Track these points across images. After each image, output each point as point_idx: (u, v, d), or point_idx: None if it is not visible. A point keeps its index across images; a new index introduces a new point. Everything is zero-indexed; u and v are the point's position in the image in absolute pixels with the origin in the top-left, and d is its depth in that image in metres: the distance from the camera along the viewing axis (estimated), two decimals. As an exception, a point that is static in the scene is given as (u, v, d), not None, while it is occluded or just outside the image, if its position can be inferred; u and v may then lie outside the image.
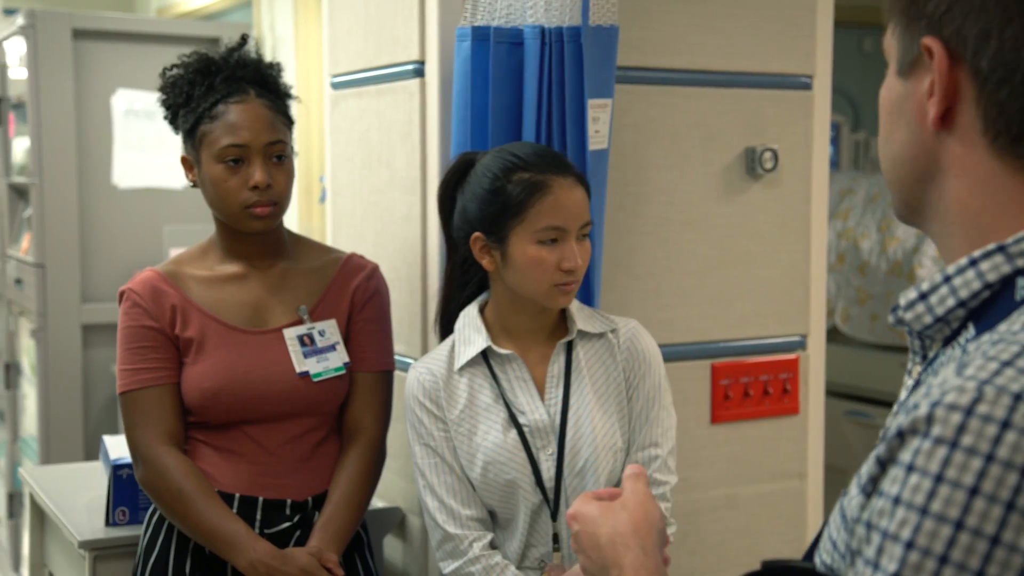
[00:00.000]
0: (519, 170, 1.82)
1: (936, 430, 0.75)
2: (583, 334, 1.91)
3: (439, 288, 2.01)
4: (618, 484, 1.90)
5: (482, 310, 1.93)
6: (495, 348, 1.88)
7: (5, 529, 4.57)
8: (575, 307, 1.92)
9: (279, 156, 1.96)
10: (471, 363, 1.89)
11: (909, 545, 0.74)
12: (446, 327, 1.97)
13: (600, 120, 2.02)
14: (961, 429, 0.74)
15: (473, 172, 1.88)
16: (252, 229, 1.97)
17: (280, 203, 1.97)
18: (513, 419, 1.85)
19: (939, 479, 0.74)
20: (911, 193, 0.92)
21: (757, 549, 2.43)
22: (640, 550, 1.03)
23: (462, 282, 1.96)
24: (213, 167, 1.94)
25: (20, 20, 3.85)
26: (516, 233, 1.81)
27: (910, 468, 0.76)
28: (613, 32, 2.04)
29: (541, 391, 1.88)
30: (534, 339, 1.90)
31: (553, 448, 1.85)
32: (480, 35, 2.01)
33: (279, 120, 1.98)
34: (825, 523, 0.90)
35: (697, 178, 2.34)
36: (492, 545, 1.87)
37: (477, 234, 1.85)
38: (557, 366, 1.89)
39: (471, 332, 1.90)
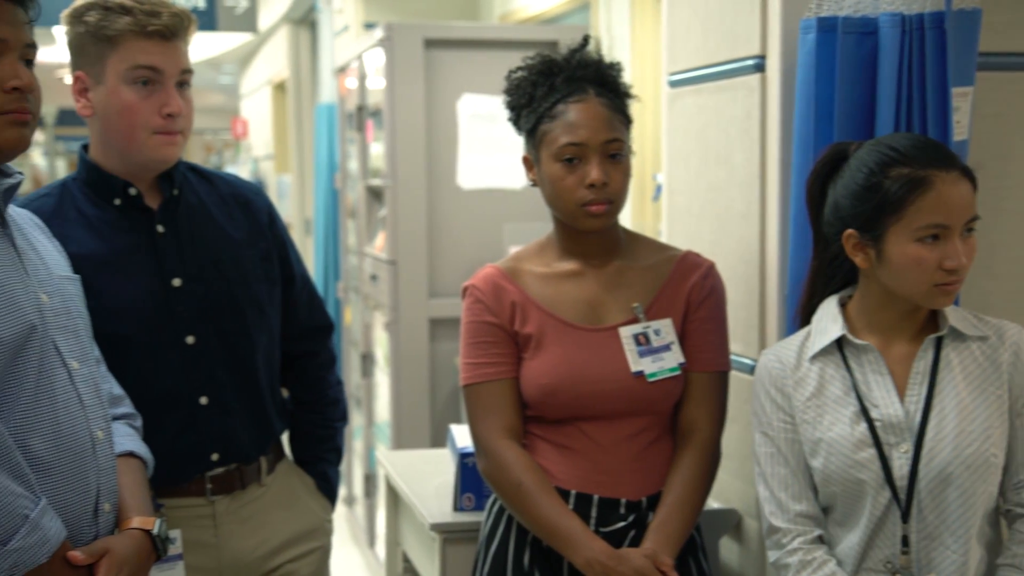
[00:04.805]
0: (898, 165, 1.73)
1: None
2: (956, 333, 1.79)
3: (804, 281, 1.94)
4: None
5: (843, 304, 1.86)
6: (851, 338, 1.80)
7: (362, 507, 4.92)
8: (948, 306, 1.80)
9: (615, 154, 1.96)
10: (824, 352, 1.82)
11: None
12: (808, 321, 1.91)
13: (961, 110, 1.89)
14: None
15: (847, 165, 1.80)
16: (588, 227, 1.99)
17: (616, 201, 1.98)
18: (864, 412, 1.77)
19: None
20: None
21: None
22: None
23: (828, 276, 1.89)
24: (552, 165, 1.97)
25: (379, 33, 4.12)
26: (894, 231, 1.72)
27: None
28: (976, 15, 1.91)
29: (900, 387, 1.78)
30: (899, 336, 1.81)
31: (908, 446, 1.75)
32: (827, 26, 1.94)
33: (617, 119, 1.98)
34: None
35: (1068, 170, 2.15)
36: (821, 540, 1.82)
37: (850, 231, 1.77)
38: (924, 363, 1.78)
39: (828, 322, 1.83)
